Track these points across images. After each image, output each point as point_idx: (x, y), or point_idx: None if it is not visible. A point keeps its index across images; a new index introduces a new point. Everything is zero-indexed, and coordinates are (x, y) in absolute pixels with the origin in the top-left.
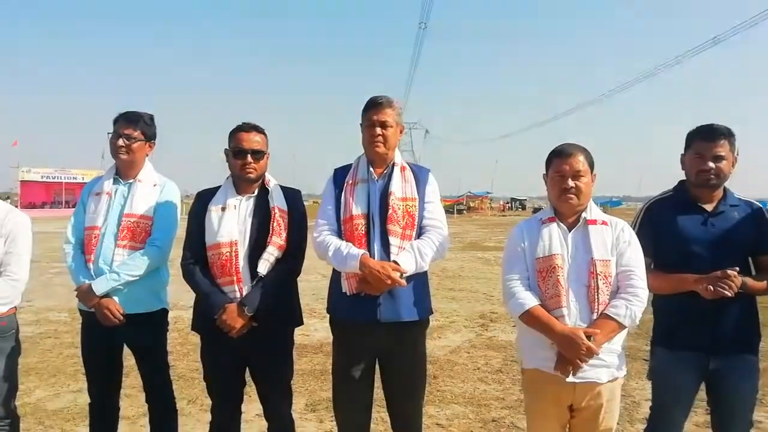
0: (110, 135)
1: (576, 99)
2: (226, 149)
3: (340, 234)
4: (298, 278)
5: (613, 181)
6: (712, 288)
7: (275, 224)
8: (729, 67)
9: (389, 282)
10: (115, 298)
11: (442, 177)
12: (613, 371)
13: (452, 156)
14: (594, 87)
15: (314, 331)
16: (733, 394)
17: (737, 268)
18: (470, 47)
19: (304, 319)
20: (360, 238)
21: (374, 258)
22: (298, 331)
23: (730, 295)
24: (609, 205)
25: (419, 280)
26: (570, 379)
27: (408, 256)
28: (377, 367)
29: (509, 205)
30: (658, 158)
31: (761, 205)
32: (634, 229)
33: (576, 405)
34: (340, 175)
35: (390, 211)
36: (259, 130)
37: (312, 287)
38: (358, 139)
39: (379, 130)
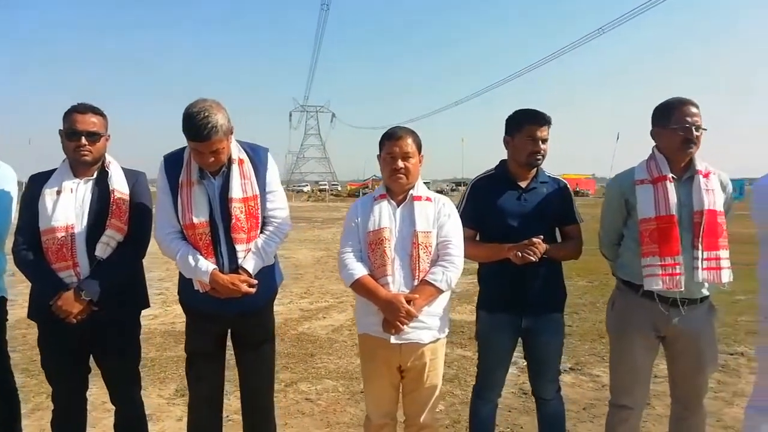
0: None
1: (479, 84)
2: (60, 130)
3: (184, 235)
4: (174, 265)
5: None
6: (520, 254)
7: (114, 207)
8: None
9: (240, 295)
10: None
11: (348, 161)
12: (434, 333)
13: (358, 140)
14: (497, 73)
15: None
16: (544, 348)
17: (542, 237)
18: (377, 31)
19: (181, 306)
20: (206, 247)
21: (223, 266)
22: (180, 318)
23: (534, 260)
24: None
25: (265, 267)
26: (394, 340)
27: (255, 260)
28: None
29: None
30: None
31: (566, 183)
32: (462, 203)
33: (403, 365)
34: (171, 167)
35: (233, 220)
36: (95, 111)
37: None
38: (258, 129)
39: (212, 158)
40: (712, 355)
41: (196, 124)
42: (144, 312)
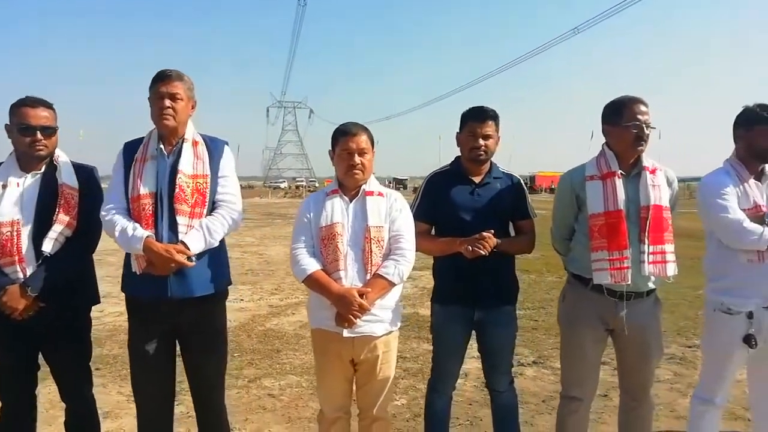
0: None
1: (458, 81)
2: (7, 124)
3: (129, 212)
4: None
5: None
6: (471, 248)
7: (62, 201)
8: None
9: (173, 265)
10: None
11: (326, 157)
12: (387, 325)
13: None
14: (471, 71)
15: None
16: (496, 340)
17: (492, 231)
18: (355, 28)
19: (126, 303)
20: (147, 219)
21: (162, 238)
22: None
23: (484, 253)
24: None
25: (213, 254)
26: (347, 334)
27: (196, 236)
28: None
29: (391, 184)
30: (520, 138)
31: (519, 178)
32: (417, 198)
33: (356, 359)
34: (129, 150)
35: (177, 189)
36: (46, 104)
37: None
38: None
39: (168, 103)
40: (658, 347)
41: (164, 70)
42: (109, 309)
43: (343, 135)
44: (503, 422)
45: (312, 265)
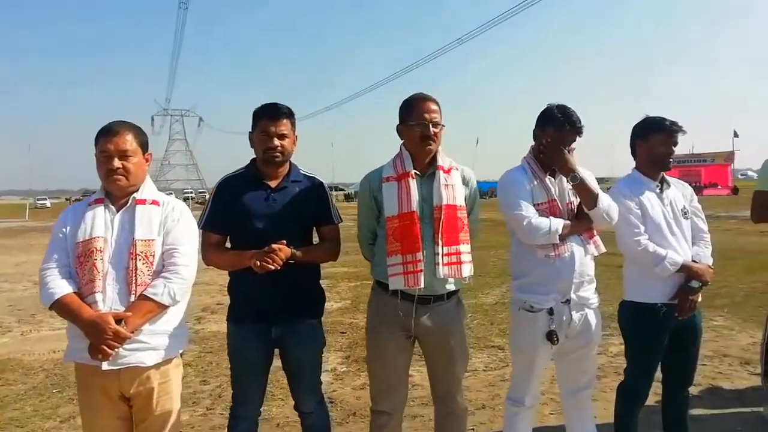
0: None
1: (349, 90)
2: None
3: None
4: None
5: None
6: (259, 263)
7: None
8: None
9: None
10: None
11: (219, 167)
12: (161, 353)
13: (230, 144)
14: (369, 78)
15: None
16: (297, 358)
17: (284, 242)
18: (242, 32)
19: None
20: None
21: None
22: None
23: (273, 268)
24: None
25: None
26: (106, 366)
27: None
28: None
29: None
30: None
31: (322, 181)
32: (207, 206)
33: (127, 393)
34: None
35: None
36: None
37: (13, 297)
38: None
39: None
40: (463, 350)
41: None
42: None
43: (103, 135)
44: None
45: (61, 288)
